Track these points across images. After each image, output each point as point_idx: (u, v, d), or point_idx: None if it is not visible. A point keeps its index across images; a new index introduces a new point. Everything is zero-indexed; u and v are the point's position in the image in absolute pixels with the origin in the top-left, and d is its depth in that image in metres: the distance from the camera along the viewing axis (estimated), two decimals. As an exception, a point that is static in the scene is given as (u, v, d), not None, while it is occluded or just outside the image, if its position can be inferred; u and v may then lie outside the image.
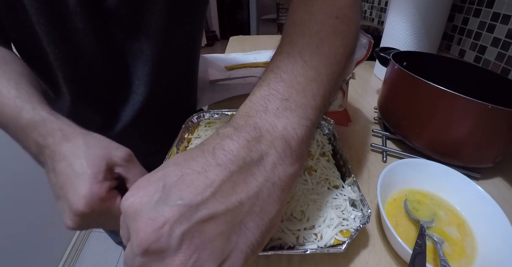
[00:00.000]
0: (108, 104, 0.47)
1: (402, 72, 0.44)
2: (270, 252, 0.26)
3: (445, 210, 0.35)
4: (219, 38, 4.18)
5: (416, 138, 0.45)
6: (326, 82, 0.22)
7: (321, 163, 0.37)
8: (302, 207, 0.30)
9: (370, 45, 0.46)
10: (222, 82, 0.69)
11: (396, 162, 0.37)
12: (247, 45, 1.06)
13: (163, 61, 0.45)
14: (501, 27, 0.57)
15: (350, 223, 0.29)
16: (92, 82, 0.44)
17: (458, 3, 0.68)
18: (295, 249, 0.27)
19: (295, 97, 0.20)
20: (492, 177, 0.43)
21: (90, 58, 0.41)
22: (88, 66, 0.42)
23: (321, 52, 0.22)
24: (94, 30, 0.39)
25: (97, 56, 0.41)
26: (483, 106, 0.35)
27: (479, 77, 0.49)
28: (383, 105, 0.52)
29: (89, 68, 0.42)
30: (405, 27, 0.65)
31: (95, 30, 0.39)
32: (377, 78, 0.76)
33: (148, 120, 0.51)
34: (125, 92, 0.47)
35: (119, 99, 0.47)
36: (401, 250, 0.29)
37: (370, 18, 1.15)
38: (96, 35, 0.39)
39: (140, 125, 0.50)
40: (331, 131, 0.44)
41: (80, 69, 0.42)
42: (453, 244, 0.31)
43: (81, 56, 0.40)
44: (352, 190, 0.33)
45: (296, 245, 0.28)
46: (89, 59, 0.41)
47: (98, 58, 0.41)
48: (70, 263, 1.21)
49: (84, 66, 0.42)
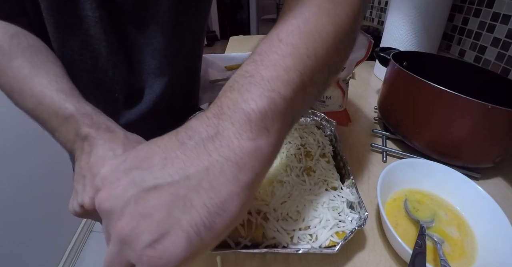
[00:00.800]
0: (112, 98, 0.47)
1: (402, 72, 0.44)
2: (257, 250, 0.26)
3: (445, 210, 0.35)
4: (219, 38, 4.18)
5: (416, 138, 0.45)
6: (306, 58, 0.21)
7: (321, 164, 0.37)
8: (298, 207, 0.30)
9: (370, 45, 0.46)
10: (222, 82, 0.69)
11: (396, 162, 0.37)
12: (247, 45, 1.06)
13: (170, 57, 0.45)
14: (501, 27, 0.57)
15: (346, 224, 0.29)
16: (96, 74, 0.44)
17: (458, 3, 0.68)
18: (288, 249, 0.27)
19: (263, 72, 0.19)
20: (492, 177, 0.43)
21: (95, 48, 0.41)
22: (93, 59, 0.42)
23: (302, 30, 0.21)
24: (101, 20, 0.39)
25: (103, 45, 0.41)
26: (483, 106, 0.35)
27: (479, 77, 0.49)
28: (383, 105, 0.52)
29: (94, 60, 0.42)
30: (405, 27, 0.65)
31: (102, 20, 0.39)
32: (377, 78, 0.76)
33: (153, 119, 0.51)
34: (130, 87, 0.46)
35: (123, 94, 0.47)
36: (401, 250, 0.29)
37: (370, 18, 1.15)
38: (102, 26, 0.39)
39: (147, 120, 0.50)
40: (333, 132, 0.44)
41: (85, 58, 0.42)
42: (453, 244, 0.31)
43: (86, 46, 0.40)
44: (350, 192, 0.33)
45: (290, 245, 0.28)
46: (95, 48, 0.41)
47: (103, 47, 0.41)
48: (70, 263, 1.21)
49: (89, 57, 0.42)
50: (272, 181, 0.34)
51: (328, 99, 0.51)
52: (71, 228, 1.29)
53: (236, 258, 0.30)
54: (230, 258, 0.30)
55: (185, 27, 0.45)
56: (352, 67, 0.49)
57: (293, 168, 0.36)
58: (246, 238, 0.28)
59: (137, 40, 0.43)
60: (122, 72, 0.44)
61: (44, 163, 1.10)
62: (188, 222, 0.16)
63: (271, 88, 0.19)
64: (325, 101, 0.51)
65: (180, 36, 0.45)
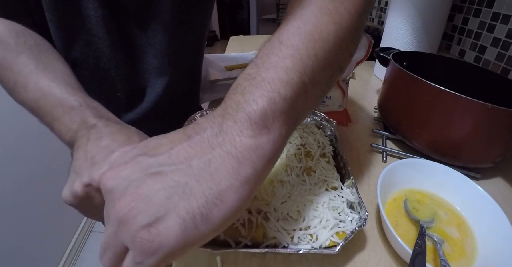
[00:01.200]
0: (115, 98, 0.47)
1: (402, 72, 0.44)
2: (257, 250, 0.27)
3: (445, 210, 0.35)
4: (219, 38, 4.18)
5: (416, 138, 0.45)
6: (307, 59, 0.21)
7: (321, 164, 0.37)
8: (298, 207, 0.30)
9: (370, 45, 0.46)
10: (222, 82, 0.69)
11: (396, 162, 0.37)
12: (247, 45, 1.06)
13: (171, 56, 0.46)
14: (501, 27, 0.57)
15: (346, 225, 0.29)
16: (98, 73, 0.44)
17: (458, 3, 0.68)
18: (288, 249, 0.27)
19: (263, 74, 0.20)
20: (492, 177, 0.43)
21: (98, 48, 0.41)
22: (96, 58, 0.42)
23: (302, 31, 0.22)
24: (103, 19, 0.39)
25: (106, 44, 0.41)
26: (483, 106, 0.35)
27: (479, 77, 0.49)
28: (383, 105, 0.52)
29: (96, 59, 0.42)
30: (405, 27, 0.65)
31: (104, 19, 0.39)
32: (377, 78, 0.76)
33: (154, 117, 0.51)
34: (132, 86, 0.46)
35: (125, 93, 0.47)
36: (401, 250, 0.29)
37: (370, 18, 1.15)
38: (105, 25, 0.40)
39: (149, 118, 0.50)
40: (333, 132, 0.44)
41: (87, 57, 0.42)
42: (453, 244, 0.31)
43: (89, 46, 0.40)
44: (351, 192, 0.33)
45: (291, 244, 0.28)
46: (97, 48, 0.41)
47: (106, 46, 0.41)
48: (70, 263, 1.21)
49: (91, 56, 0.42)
50: (272, 181, 0.34)
51: (328, 99, 0.51)
52: (71, 228, 1.29)
53: (236, 258, 0.30)
54: (230, 258, 0.30)
55: (187, 26, 0.45)
56: (352, 67, 0.49)
57: (293, 167, 0.36)
58: (246, 238, 0.28)
59: (139, 39, 0.43)
60: (124, 71, 0.44)
61: (44, 163, 1.10)
62: (185, 209, 0.17)
63: (271, 89, 0.20)
64: (325, 101, 0.51)
65: (182, 36, 0.46)
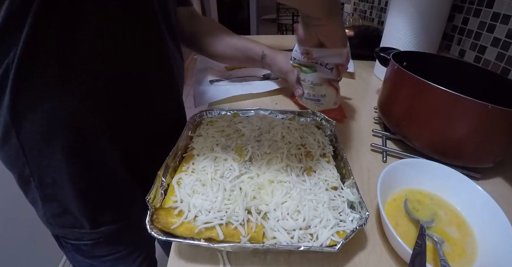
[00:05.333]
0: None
1: (402, 72, 0.44)
2: (258, 245, 0.27)
3: (445, 210, 0.35)
4: (219, 38, 4.18)
5: (416, 138, 0.45)
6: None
7: (321, 164, 0.37)
8: (298, 207, 0.30)
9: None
10: (222, 82, 0.69)
11: (396, 162, 0.37)
12: (247, 45, 1.06)
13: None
14: (501, 27, 0.57)
15: (347, 224, 0.29)
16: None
17: (458, 3, 0.68)
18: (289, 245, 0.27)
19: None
20: (492, 177, 0.43)
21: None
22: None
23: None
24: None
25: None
26: (483, 106, 0.35)
27: (479, 77, 0.49)
28: (383, 105, 0.52)
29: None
30: (405, 27, 0.65)
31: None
32: (377, 78, 0.76)
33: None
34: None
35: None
36: (401, 250, 0.29)
37: (370, 18, 1.15)
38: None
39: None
40: (333, 132, 0.44)
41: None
42: (453, 244, 0.31)
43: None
44: (351, 192, 0.33)
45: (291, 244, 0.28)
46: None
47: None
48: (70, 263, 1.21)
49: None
50: (272, 181, 0.34)
51: (323, 98, 0.51)
52: (71, 228, 1.29)
53: (236, 258, 0.30)
54: (230, 259, 0.30)
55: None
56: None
57: (293, 167, 0.36)
58: (246, 238, 0.28)
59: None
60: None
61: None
62: None
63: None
64: (320, 100, 0.52)
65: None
